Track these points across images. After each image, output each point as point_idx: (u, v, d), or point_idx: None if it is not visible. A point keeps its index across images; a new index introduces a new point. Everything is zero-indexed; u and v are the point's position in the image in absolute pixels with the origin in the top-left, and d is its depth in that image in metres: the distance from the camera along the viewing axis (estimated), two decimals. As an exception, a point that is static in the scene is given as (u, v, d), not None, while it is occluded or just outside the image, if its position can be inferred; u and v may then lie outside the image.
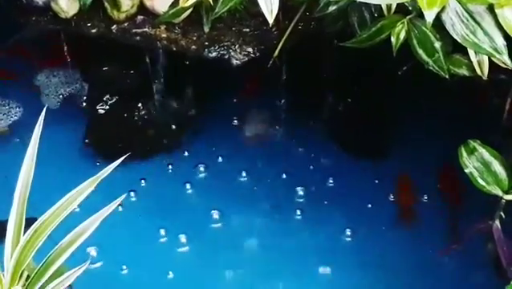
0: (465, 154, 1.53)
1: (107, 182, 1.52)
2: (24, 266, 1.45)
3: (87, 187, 1.51)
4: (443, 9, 1.28)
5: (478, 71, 1.61)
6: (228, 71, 1.96)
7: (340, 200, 2.11)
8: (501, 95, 1.80)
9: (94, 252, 1.97)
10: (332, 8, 1.74)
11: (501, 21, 1.25)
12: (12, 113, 2.32)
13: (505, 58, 1.28)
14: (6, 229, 1.47)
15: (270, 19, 1.46)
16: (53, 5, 1.96)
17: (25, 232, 1.46)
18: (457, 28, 1.29)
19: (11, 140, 2.27)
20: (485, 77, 1.61)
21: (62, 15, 1.96)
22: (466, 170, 1.52)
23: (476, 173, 1.51)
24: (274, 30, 1.91)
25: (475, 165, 1.51)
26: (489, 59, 1.59)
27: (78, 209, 1.57)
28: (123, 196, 1.55)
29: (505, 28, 1.25)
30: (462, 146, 1.54)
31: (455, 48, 1.63)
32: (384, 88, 2.19)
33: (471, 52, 1.59)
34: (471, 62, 1.61)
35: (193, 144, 2.26)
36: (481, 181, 1.49)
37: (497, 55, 1.27)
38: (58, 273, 1.50)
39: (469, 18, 1.27)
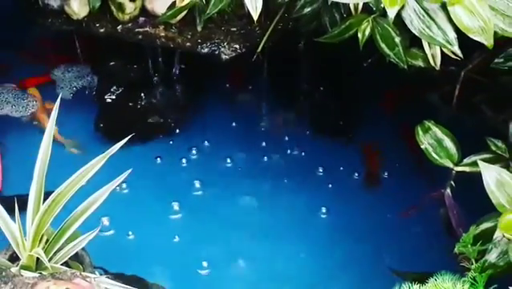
0: (420, 132, 1.53)
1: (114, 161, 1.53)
2: (43, 231, 1.44)
3: (97, 163, 1.50)
4: (403, 7, 1.26)
5: (432, 63, 1.61)
6: (218, 65, 1.94)
7: (315, 174, 2.10)
8: (451, 84, 1.80)
9: (106, 222, 1.96)
10: (307, 9, 1.74)
11: (452, 17, 1.24)
12: (30, 106, 2.29)
13: (456, 48, 1.27)
14: (27, 203, 1.46)
15: (255, 16, 1.44)
16: (66, 8, 1.94)
17: (44, 202, 1.45)
18: (414, 23, 1.28)
19: (32, 127, 2.25)
20: (437, 68, 1.61)
21: (74, 17, 1.94)
22: (422, 146, 1.51)
23: (430, 149, 1.50)
24: (257, 29, 1.90)
25: (429, 142, 1.51)
26: (442, 52, 1.59)
27: (89, 186, 1.56)
28: (129, 170, 1.54)
29: (456, 23, 1.24)
30: (418, 126, 1.54)
31: (412, 43, 1.63)
32: (352, 78, 2.18)
33: (426, 46, 1.59)
34: (426, 54, 1.60)
35: (187, 127, 2.25)
36: (434, 156, 1.49)
37: (449, 46, 1.26)
38: (72, 237, 1.49)
39: (425, 15, 1.27)
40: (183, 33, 1.91)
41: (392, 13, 1.24)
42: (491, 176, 1.23)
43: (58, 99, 1.50)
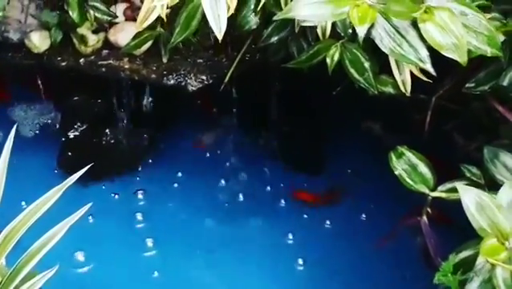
0: (394, 158, 1.46)
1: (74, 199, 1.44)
2: (-5, 270, 1.31)
3: (53, 195, 1.39)
4: (372, 25, 1.21)
5: (402, 89, 1.55)
6: (185, 97, 1.87)
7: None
8: (422, 112, 1.74)
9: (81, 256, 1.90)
10: (274, 38, 1.67)
11: (424, 34, 1.18)
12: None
13: (429, 66, 1.21)
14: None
15: (220, 36, 1.37)
16: (26, 41, 1.85)
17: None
18: (385, 42, 1.21)
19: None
20: (408, 94, 1.55)
21: (35, 50, 1.85)
22: (396, 172, 1.44)
23: (404, 174, 1.43)
24: (224, 60, 1.84)
25: (403, 167, 1.44)
26: (412, 79, 1.54)
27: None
28: (89, 204, 1.44)
29: (427, 40, 1.18)
30: (391, 151, 1.47)
31: (381, 70, 1.58)
32: (321, 107, 2.13)
33: (395, 72, 1.54)
34: (396, 81, 1.55)
35: (153, 164, 2.19)
36: (409, 181, 1.42)
37: (422, 64, 1.20)
38: (29, 277, 1.37)
39: (396, 33, 1.21)
40: (148, 65, 1.83)
41: (361, 31, 1.18)
42: (471, 199, 1.16)
43: (14, 128, 1.40)
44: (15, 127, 1.39)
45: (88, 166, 1.41)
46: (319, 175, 2.17)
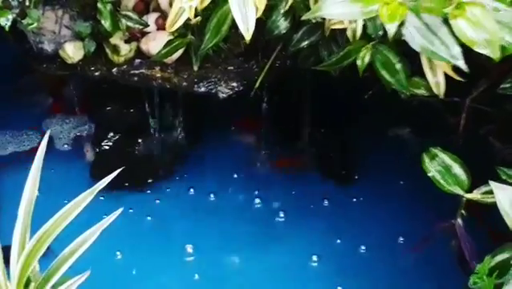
0: (427, 160, 1.43)
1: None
2: (28, 273, 1.31)
3: (84, 199, 1.39)
4: (402, 23, 1.19)
5: (435, 91, 1.53)
6: (215, 104, 1.87)
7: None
8: (455, 115, 1.71)
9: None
10: (304, 43, 1.67)
11: (455, 30, 1.16)
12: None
13: (461, 63, 1.18)
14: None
15: (248, 36, 1.36)
16: (61, 52, 1.88)
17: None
18: (416, 39, 1.19)
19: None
20: (441, 96, 1.52)
21: (69, 61, 1.88)
22: (429, 174, 1.41)
23: (438, 176, 1.40)
24: (254, 67, 1.84)
25: (437, 169, 1.41)
26: (445, 80, 1.52)
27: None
28: (121, 209, 1.44)
29: (459, 37, 1.16)
30: (424, 153, 1.44)
31: (414, 72, 1.55)
32: (353, 112, 2.11)
33: (428, 74, 1.51)
34: (428, 83, 1.52)
35: (186, 172, 2.18)
36: (443, 182, 1.38)
37: (454, 61, 1.17)
38: (60, 282, 1.37)
39: (426, 30, 1.18)
40: (179, 73, 1.84)
41: (391, 29, 1.15)
42: (505, 197, 1.12)
43: (47, 135, 1.40)
44: (47, 136, 1.39)
45: (120, 169, 1.39)
46: (351, 183, 2.14)
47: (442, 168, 1.41)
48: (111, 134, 2.15)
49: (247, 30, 1.34)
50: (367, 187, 2.10)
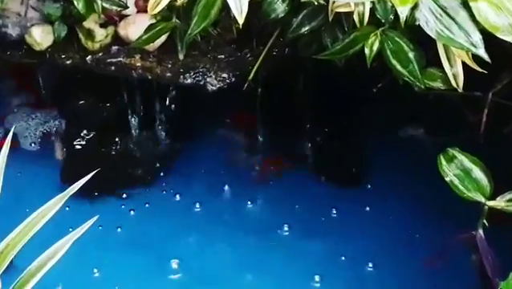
0: (444, 162, 1.44)
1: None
2: (-11, 288, 1.33)
3: (54, 205, 1.40)
4: (416, 6, 1.21)
5: (453, 84, 1.55)
6: (203, 97, 1.89)
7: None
8: (476, 111, 1.73)
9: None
10: (305, 28, 1.68)
11: (476, 14, 1.18)
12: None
13: (482, 52, 1.20)
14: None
15: (241, 20, 1.38)
16: (27, 37, 1.88)
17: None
18: (431, 24, 1.22)
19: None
20: (460, 89, 1.54)
21: (37, 48, 1.88)
22: (446, 178, 1.43)
23: (456, 181, 1.42)
24: (248, 56, 1.86)
25: (455, 173, 1.42)
26: (464, 73, 1.53)
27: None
28: (96, 217, 1.45)
29: (480, 22, 1.18)
30: (441, 154, 1.46)
31: (429, 62, 1.57)
32: (359, 108, 2.13)
33: (446, 64, 1.53)
34: (446, 74, 1.54)
35: (171, 178, 2.20)
36: (462, 188, 1.40)
37: (474, 50, 1.20)
38: (27, 298, 1.38)
39: (443, 14, 1.21)
40: (162, 62, 1.86)
41: (403, 12, 1.18)
42: (532, 204, 1.14)
43: (10, 133, 1.42)
44: (11, 134, 1.40)
45: (94, 172, 1.41)
46: (359, 188, 2.16)
47: (461, 171, 1.43)
48: (85, 132, 2.17)
49: (240, 12, 1.37)
50: (376, 194, 2.13)
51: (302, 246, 2.00)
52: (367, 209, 2.08)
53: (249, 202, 2.13)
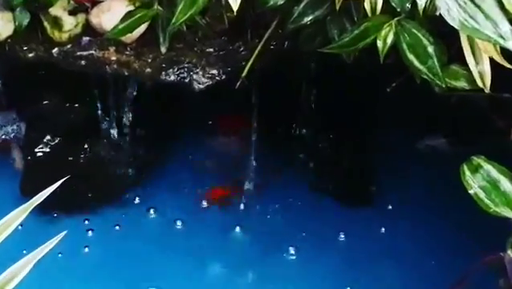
0: (468, 172, 1.47)
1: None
2: None
3: (12, 221, 1.43)
4: (436, -7, 1.24)
5: (479, 83, 1.57)
6: (189, 97, 1.91)
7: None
8: (504, 116, 1.76)
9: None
10: (308, 18, 1.71)
11: (504, 2, 1.21)
12: None
13: (511, 44, 1.23)
14: None
15: (235, 6, 1.42)
16: (-18, 26, 1.91)
17: None
18: (453, 13, 1.25)
19: None
20: (487, 90, 1.57)
21: (-5, 38, 1.91)
22: (470, 191, 1.45)
23: (482, 194, 1.44)
24: (241, 50, 1.89)
25: (480, 184, 1.45)
26: (492, 70, 1.57)
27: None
28: (63, 233, 1.47)
29: (508, 10, 1.21)
30: (464, 164, 1.48)
31: (450, 59, 1.60)
32: (370, 111, 2.16)
33: (471, 60, 1.56)
34: (470, 72, 1.57)
35: (147, 193, 2.24)
36: (487, 202, 1.43)
37: (502, 42, 1.23)
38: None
39: (467, 1, 1.24)
40: (141, 56, 1.88)
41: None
42: None
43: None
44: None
45: (59, 182, 1.44)
46: (371, 207, 2.22)
47: (487, 183, 1.45)
48: (48, 137, 2.20)
49: (235, -1, 1.39)
50: (391, 212, 2.18)
51: (309, 270, 2.06)
52: (383, 229, 2.14)
53: (237, 228, 2.19)
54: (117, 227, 2.19)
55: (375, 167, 2.27)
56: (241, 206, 2.25)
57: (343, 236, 2.15)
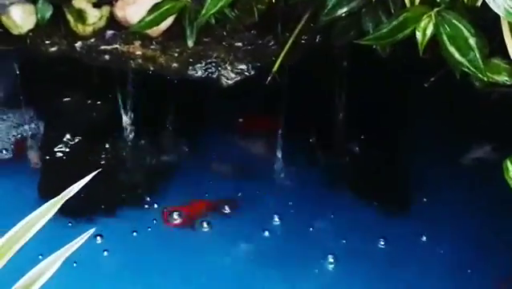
0: (511, 168, 1.49)
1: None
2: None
3: (46, 212, 1.46)
4: (479, -21, 1.27)
5: (522, 77, 1.60)
6: (217, 94, 1.94)
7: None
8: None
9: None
10: (342, 10, 1.75)
11: (551, -11, 1.24)
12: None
13: (560, 33, 1.26)
14: None
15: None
16: (4, 19, 1.94)
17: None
18: (498, 0, 1.27)
19: None
20: (530, 83, 1.60)
21: (15, 31, 1.95)
22: (514, 186, 1.48)
23: (526, 190, 1.47)
24: (271, 44, 1.93)
25: (525, 181, 1.48)
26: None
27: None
28: (92, 230, 1.50)
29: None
30: (508, 160, 1.51)
31: (492, 53, 1.63)
32: (406, 109, 2.18)
33: (513, 53, 1.58)
34: (514, 65, 1.60)
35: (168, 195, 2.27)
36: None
37: (548, 29, 1.26)
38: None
39: (514, -13, 1.27)
40: (168, 50, 1.92)
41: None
42: None
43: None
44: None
45: (86, 179, 1.46)
46: (409, 214, 2.24)
47: (531, 179, 1.48)
48: (68, 136, 2.23)
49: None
50: (429, 218, 2.20)
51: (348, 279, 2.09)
52: (423, 237, 2.16)
53: (266, 232, 2.21)
54: (134, 233, 2.21)
55: (412, 163, 2.29)
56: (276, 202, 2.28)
57: (382, 242, 2.17)
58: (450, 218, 2.17)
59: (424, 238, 2.16)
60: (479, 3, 1.53)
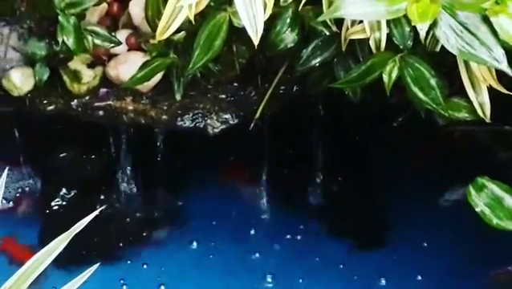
0: (473, 192, 1.65)
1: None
2: None
3: (54, 248, 1.58)
4: (435, 24, 1.46)
5: (480, 113, 1.78)
6: (204, 142, 2.10)
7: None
8: (507, 148, 1.93)
9: None
10: (316, 61, 1.91)
11: (497, 29, 1.43)
12: None
13: (504, 66, 1.44)
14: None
15: (256, 40, 1.62)
16: (4, 82, 2.06)
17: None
18: (451, 41, 1.46)
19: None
20: (487, 119, 1.77)
21: (15, 93, 2.06)
22: (477, 209, 1.63)
23: (487, 211, 1.62)
24: (252, 95, 2.08)
25: (485, 202, 1.63)
26: (491, 100, 1.77)
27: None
28: (96, 265, 1.61)
29: (501, 36, 1.43)
30: (470, 184, 1.67)
31: (452, 94, 1.81)
32: (378, 148, 2.35)
33: (470, 92, 1.76)
34: (471, 103, 1.78)
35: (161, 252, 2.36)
36: (494, 219, 1.61)
37: (497, 64, 1.44)
38: None
39: (464, 30, 1.45)
40: (157, 104, 2.07)
41: (422, 29, 1.43)
42: None
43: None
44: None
45: (96, 212, 1.58)
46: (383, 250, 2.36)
47: (492, 200, 1.64)
48: (64, 190, 2.36)
49: (255, 31, 1.60)
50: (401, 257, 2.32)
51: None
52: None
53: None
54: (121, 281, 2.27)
55: (388, 199, 2.42)
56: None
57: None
58: (421, 235, 2.29)
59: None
60: (438, 48, 1.72)
